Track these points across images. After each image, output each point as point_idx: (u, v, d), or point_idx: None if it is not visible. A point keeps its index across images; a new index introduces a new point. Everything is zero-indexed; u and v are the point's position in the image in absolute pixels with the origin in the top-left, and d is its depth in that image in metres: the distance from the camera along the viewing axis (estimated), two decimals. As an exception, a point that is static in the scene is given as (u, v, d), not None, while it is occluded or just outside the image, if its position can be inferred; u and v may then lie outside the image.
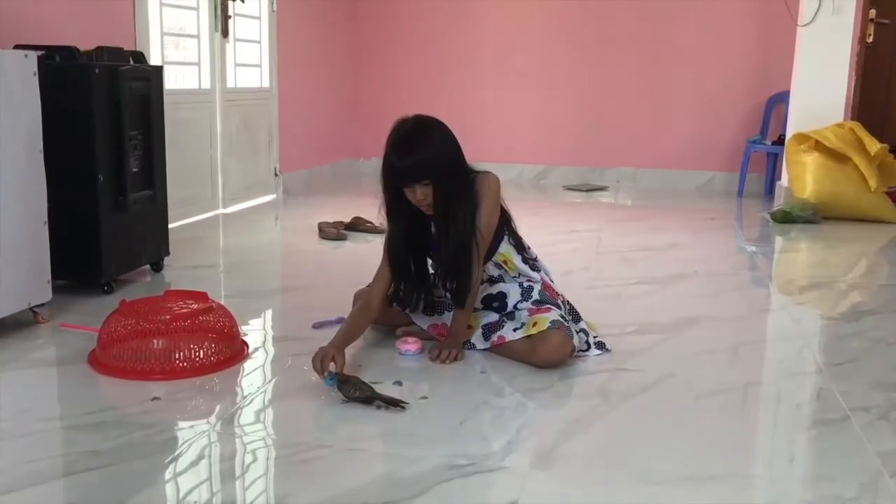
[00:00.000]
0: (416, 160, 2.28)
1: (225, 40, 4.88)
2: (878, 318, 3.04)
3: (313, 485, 1.70)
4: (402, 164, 2.29)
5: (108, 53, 3.08)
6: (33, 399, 2.19)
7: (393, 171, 2.33)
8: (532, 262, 2.56)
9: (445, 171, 2.30)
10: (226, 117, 4.93)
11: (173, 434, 1.97)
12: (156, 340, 2.33)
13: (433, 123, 2.36)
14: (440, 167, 2.29)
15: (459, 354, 2.43)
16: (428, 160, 2.28)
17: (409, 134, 2.32)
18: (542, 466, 1.82)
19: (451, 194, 2.33)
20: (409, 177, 2.30)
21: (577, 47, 6.33)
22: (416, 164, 2.28)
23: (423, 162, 2.27)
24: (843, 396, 2.22)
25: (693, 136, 6.23)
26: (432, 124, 2.36)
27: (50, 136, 2.68)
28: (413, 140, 2.30)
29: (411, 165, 2.28)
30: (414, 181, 2.29)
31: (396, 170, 2.31)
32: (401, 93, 6.58)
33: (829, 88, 5.19)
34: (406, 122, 2.34)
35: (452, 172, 2.33)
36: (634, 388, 2.27)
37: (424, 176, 2.28)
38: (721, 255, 4.13)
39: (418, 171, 2.28)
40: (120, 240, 3.12)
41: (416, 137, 2.31)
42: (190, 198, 4.56)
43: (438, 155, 2.30)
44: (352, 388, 2.10)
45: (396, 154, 2.30)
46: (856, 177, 4.82)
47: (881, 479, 1.77)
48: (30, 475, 1.73)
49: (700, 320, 2.92)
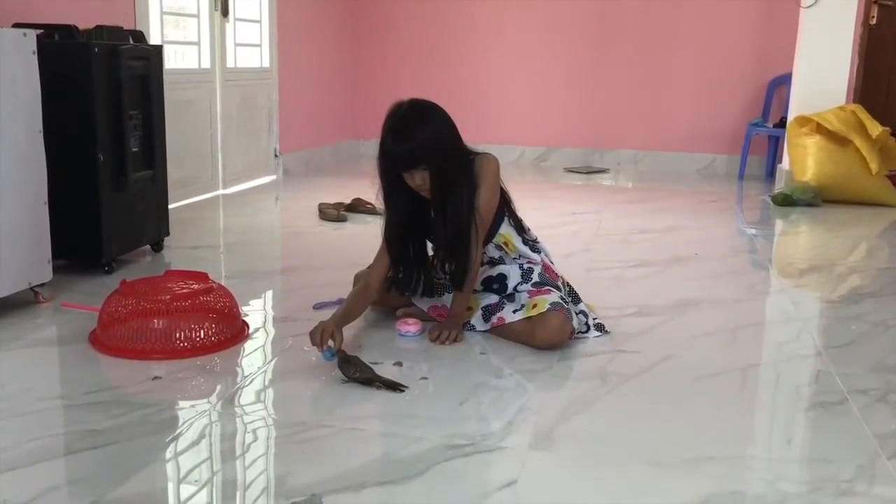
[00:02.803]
0: (412, 145, 2.26)
1: (225, 20, 4.85)
2: (877, 301, 3.04)
3: (313, 464, 1.71)
4: (398, 149, 2.28)
5: (107, 32, 3.06)
6: (34, 378, 2.20)
7: (390, 158, 2.31)
8: (532, 244, 2.56)
9: (442, 155, 2.29)
10: (226, 97, 4.92)
11: (174, 413, 1.98)
12: (156, 320, 2.33)
13: (429, 107, 2.34)
14: (437, 152, 2.27)
15: (459, 336, 2.43)
16: (424, 145, 2.26)
17: (405, 119, 2.29)
18: (542, 447, 1.82)
19: (449, 178, 2.32)
20: (406, 162, 2.28)
21: (578, 29, 6.30)
22: (413, 149, 2.26)
23: (420, 147, 2.26)
24: (841, 379, 2.22)
25: (694, 119, 6.21)
26: (428, 108, 2.33)
27: (50, 116, 2.67)
28: (409, 125, 2.28)
29: (408, 151, 2.27)
30: (411, 167, 2.28)
31: (393, 156, 2.30)
32: (402, 74, 6.56)
33: (831, 71, 5.16)
34: (401, 106, 2.32)
35: (449, 156, 2.32)
36: (633, 369, 2.28)
37: (421, 161, 2.27)
38: (721, 238, 4.12)
39: (415, 157, 2.27)
40: (120, 220, 3.12)
41: (411, 122, 2.29)
42: (190, 178, 4.56)
43: (435, 139, 2.28)
44: (352, 368, 2.11)
45: (392, 140, 2.28)
46: (857, 160, 4.81)
47: (878, 460, 1.78)
48: (31, 454, 1.74)
49: (699, 303, 2.93)
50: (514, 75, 6.44)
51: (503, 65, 6.45)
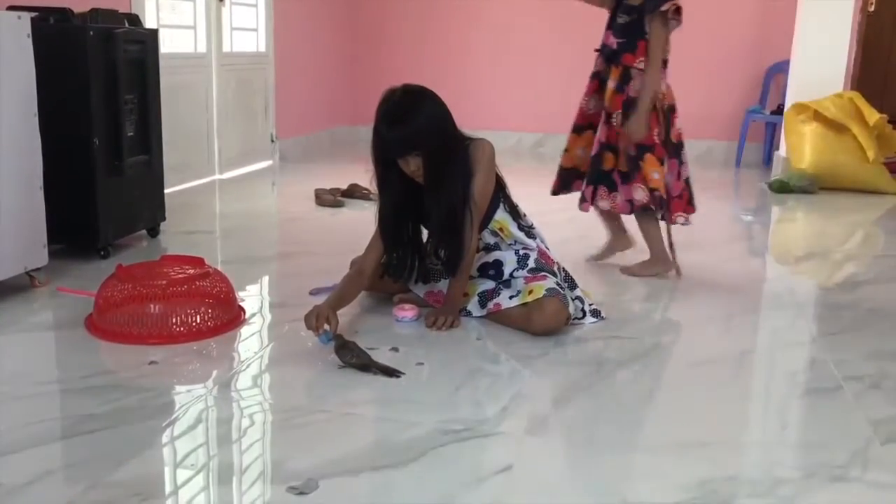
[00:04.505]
0: (405, 131, 2.26)
1: (221, 4, 4.82)
2: (872, 288, 3.05)
3: (310, 449, 1.71)
4: (391, 135, 2.28)
5: (102, 16, 3.04)
6: (30, 362, 2.20)
7: (383, 143, 2.31)
8: (528, 230, 2.56)
9: (436, 140, 2.28)
10: (222, 82, 4.90)
11: (170, 398, 1.98)
12: (152, 305, 2.33)
13: (422, 92, 2.33)
14: (430, 137, 2.27)
15: (455, 321, 2.44)
16: (417, 131, 2.26)
17: (398, 105, 2.29)
18: (537, 432, 1.83)
19: (443, 163, 2.31)
20: (400, 148, 2.28)
21: (577, 14, 6.25)
22: (407, 135, 2.26)
23: (413, 133, 2.26)
24: (836, 365, 2.23)
25: (692, 105, 6.12)
26: (421, 94, 2.33)
27: (44, 100, 2.66)
28: (402, 111, 2.28)
29: (401, 137, 2.27)
30: (404, 153, 2.28)
31: (386, 142, 2.30)
32: (399, 59, 6.53)
33: (829, 58, 5.15)
34: (395, 92, 2.31)
35: (443, 142, 2.31)
36: (629, 355, 2.28)
37: (414, 147, 2.26)
38: (718, 225, 4.12)
39: (409, 143, 2.27)
40: (116, 204, 3.11)
41: (404, 108, 2.28)
42: (186, 163, 4.54)
43: (428, 125, 2.28)
44: (349, 353, 2.11)
45: (386, 126, 2.28)
46: (854, 147, 4.81)
47: (872, 446, 1.78)
48: (27, 438, 1.74)
49: (695, 289, 2.93)
50: (512, 60, 6.41)
51: (501, 50, 6.42)
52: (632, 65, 2.88)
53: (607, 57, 2.95)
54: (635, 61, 2.87)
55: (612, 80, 2.92)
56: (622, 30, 2.90)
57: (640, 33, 2.86)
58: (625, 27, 2.89)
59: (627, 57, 2.88)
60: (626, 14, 2.89)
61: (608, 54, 2.94)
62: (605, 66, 2.96)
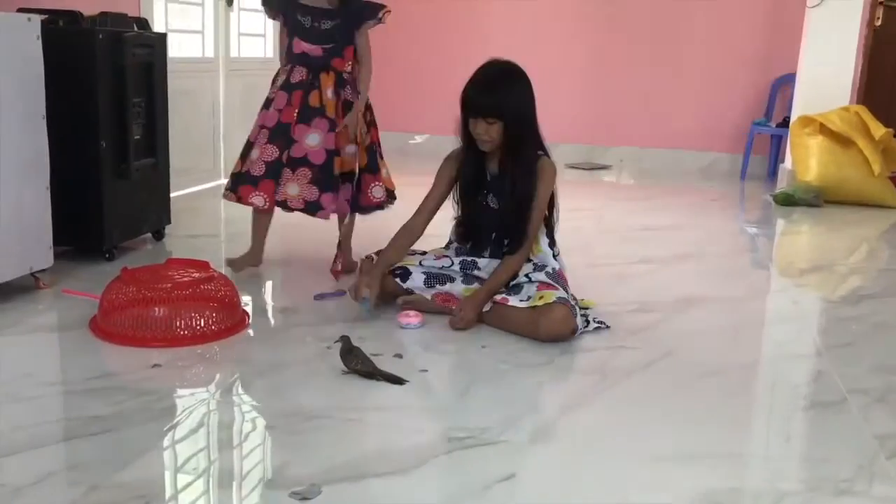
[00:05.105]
0: (490, 94, 2.41)
1: (229, 9, 4.84)
2: (877, 301, 3.04)
3: (311, 455, 1.71)
4: (476, 93, 2.42)
5: (111, 19, 3.05)
6: (34, 364, 2.20)
7: (467, 98, 2.44)
8: (555, 255, 2.61)
9: (515, 115, 2.42)
10: (229, 87, 4.91)
11: (173, 401, 1.98)
12: (157, 308, 2.33)
13: (519, 72, 2.48)
14: (511, 110, 2.41)
15: (471, 322, 2.44)
16: (501, 98, 2.41)
17: (493, 72, 2.46)
18: (541, 441, 1.83)
19: (519, 143, 2.44)
20: (479, 108, 2.41)
21: (582, 25, 6.29)
22: (490, 98, 2.40)
23: (496, 98, 2.40)
24: (841, 379, 2.22)
25: (697, 117, 6.20)
26: (518, 72, 2.48)
27: (53, 102, 2.66)
28: (495, 77, 2.45)
29: (485, 97, 2.41)
30: (482, 114, 2.40)
31: (470, 98, 2.43)
32: (404, 65, 6.51)
33: (835, 71, 5.15)
34: (496, 62, 2.49)
35: (523, 121, 2.45)
36: (634, 365, 2.28)
37: (493, 111, 2.38)
38: (723, 237, 4.12)
39: (489, 106, 2.39)
40: (122, 207, 3.11)
41: (498, 76, 2.46)
42: (192, 167, 4.55)
43: (513, 97, 2.43)
44: (354, 359, 2.10)
45: (474, 84, 2.44)
46: (860, 161, 4.81)
47: (877, 460, 1.78)
48: (30, 439, 1.74)
49: (700, 300, 2.92)
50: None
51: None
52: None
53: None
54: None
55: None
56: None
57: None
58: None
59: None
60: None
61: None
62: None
